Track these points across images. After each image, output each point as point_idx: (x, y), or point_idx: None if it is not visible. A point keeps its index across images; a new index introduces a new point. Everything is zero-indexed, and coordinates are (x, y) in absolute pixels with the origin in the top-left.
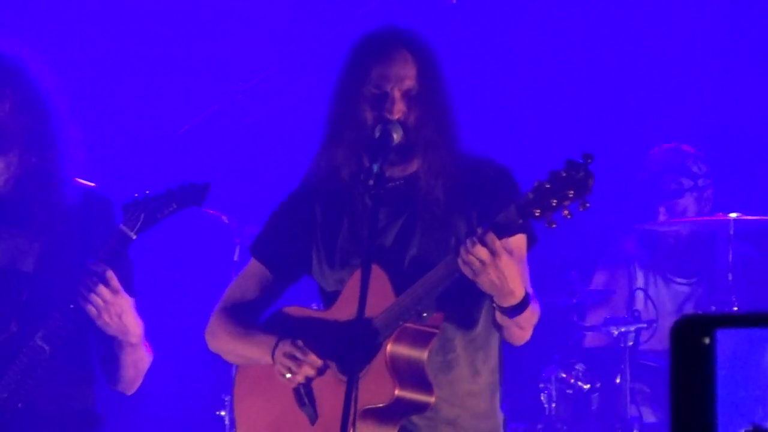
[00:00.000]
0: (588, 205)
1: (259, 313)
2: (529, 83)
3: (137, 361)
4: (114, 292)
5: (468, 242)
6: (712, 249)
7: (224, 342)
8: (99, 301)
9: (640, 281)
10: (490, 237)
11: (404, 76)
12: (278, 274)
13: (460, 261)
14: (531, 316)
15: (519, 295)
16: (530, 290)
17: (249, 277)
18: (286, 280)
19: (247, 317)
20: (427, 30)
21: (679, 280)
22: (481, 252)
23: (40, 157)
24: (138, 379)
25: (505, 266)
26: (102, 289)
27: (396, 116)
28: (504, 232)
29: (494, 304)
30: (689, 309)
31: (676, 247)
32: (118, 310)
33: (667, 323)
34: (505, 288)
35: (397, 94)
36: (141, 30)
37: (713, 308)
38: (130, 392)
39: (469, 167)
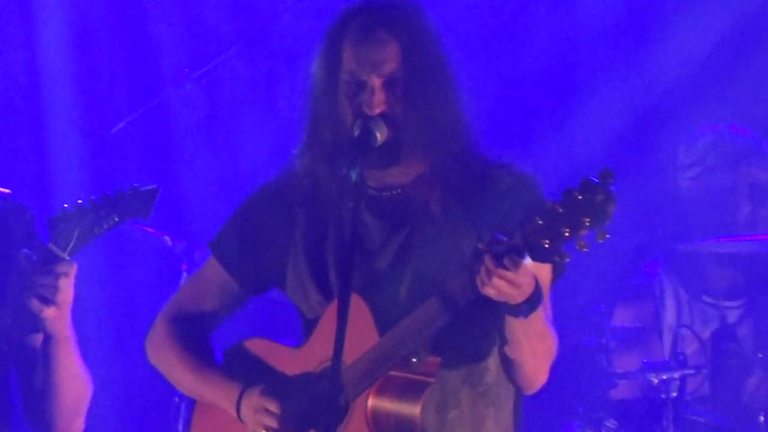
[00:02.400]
0: (608, 235)
1: (213, 328)
2: (547, 70)
3: (73, 377)
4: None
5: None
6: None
7: (172, 368)
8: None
9: (670, 311)
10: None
11: (384, 59)
12: (244, 284)
13: (480, 283)
14: (545, 333)
15: (528, 290)
16: (551, 329)
17: (206, 282)
18: (251, 291)
19: (200, 333)
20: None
21: (719, 302)
22: (505, 281)
23: None
24: (77, 414)
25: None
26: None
27: (377, 110)
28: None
29: (503, 310)
30: (730, 337)
31: (720, 266)
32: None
33: (716, 365)
34: (518, 290)
35: (376, 82)
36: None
37: None
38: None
39: (481, 174)
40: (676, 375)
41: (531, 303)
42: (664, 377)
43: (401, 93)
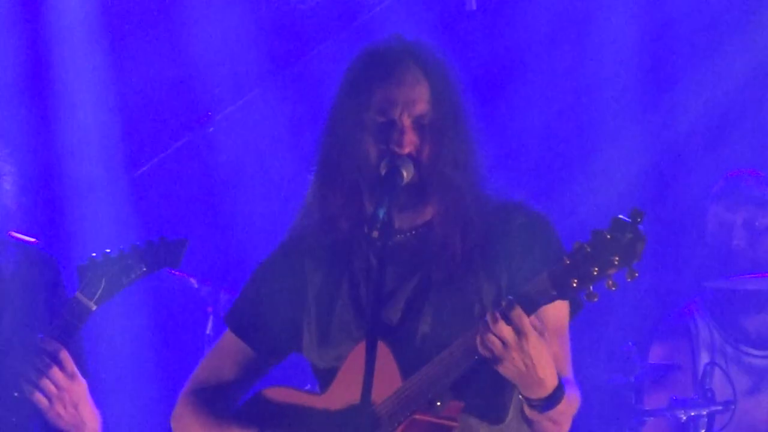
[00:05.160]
0: (636, 274)
1: (236, 398)
2: (564, 107)
3: None
4: (70, 376)
5: (488, 317)
6: None
7: None
8: (51, 388)
9: (704, 355)
10: (516, 313)
11: (415, 98)
12: (261, 351)
13: (478, 341)
14: (568, 407)
15: (550, 385)
16: (569, 373)
17: (224, 354)
18: (270, 358)
19: (221, 403)
20: (442, 43)
21: (754, 352)
22: (504, 331)
23: None
24: None
25: (533, 349)
26: (55, 372)
27: (406, 150)
28: (534, 305)
29: (520, 396)
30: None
31: (755, 308)
32: (73, 399)
33: (743, 407)
34: (534, 376)
35: (406, 121)
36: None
37: None
38: None
39: (495, 214)
40: (704, 412)
41: (550, 402)
42: (692, 414)
43: (429, 134)
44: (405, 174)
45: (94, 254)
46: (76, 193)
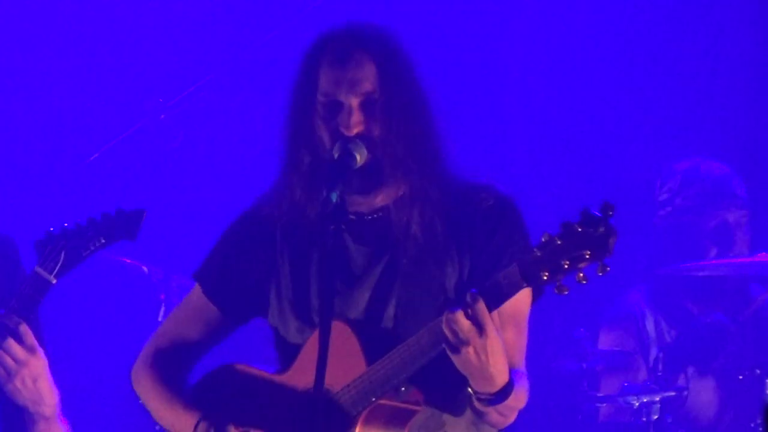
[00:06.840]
0: (608, 268)
1: (198, 358)
2: (529, 89)
3: None
4: (29, 350)
5: (449, 310)
6: (746, 295)
7: (147, 397)
8: (10, 362)
9: (652, 341)
10: (479, 307)
11: (360, 78)
12: (226, 312)
13: (442, 329)
14: (516, 402)
15: (500, 381)
16: (521, 363)
17: (191, 311)
18: (234, 320)
19: (181, 367)
20: (399, 24)
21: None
22: (464, 326)
23: None
24: None
25: (489, 346)
26: (15, 346)
27: (354, 131)
28: (500, 298)
29: (469, 388)
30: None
31: (702, 293)
32: (33, 373)
33: (694, 388)
34: (485, 373)
35: (353, 102)
36: (45, 40)
37: (758, 371)
38: None
39: (459, 195)
40: (657, 398)
41: (497, 397)
42: (645, 400)
43: (378, 113)
44: (358, 157)
45: (51, 228)
46: (26, 180)
